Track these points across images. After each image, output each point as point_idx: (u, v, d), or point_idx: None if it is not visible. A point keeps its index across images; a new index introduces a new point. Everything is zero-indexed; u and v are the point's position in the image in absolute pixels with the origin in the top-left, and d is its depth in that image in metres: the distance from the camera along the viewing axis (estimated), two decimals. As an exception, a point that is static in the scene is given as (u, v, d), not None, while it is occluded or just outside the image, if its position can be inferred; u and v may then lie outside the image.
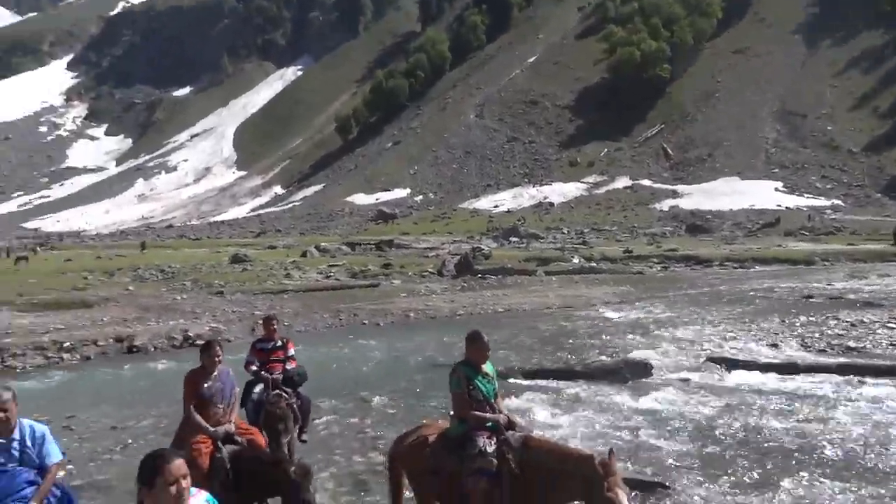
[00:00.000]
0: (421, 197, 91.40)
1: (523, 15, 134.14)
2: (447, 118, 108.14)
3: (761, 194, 72.55)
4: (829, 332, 16.15)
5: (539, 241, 52.82)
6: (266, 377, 7.51)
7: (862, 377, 11.50)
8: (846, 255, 38.13)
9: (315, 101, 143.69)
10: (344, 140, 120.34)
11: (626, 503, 4.21)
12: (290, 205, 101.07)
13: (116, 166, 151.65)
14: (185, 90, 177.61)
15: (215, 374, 5.69)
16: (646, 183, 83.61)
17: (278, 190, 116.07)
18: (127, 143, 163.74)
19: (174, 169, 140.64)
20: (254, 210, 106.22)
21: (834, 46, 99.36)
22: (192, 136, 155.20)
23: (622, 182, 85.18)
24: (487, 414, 4.98)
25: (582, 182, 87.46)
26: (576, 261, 37.44)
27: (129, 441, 9.22)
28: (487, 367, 5.19)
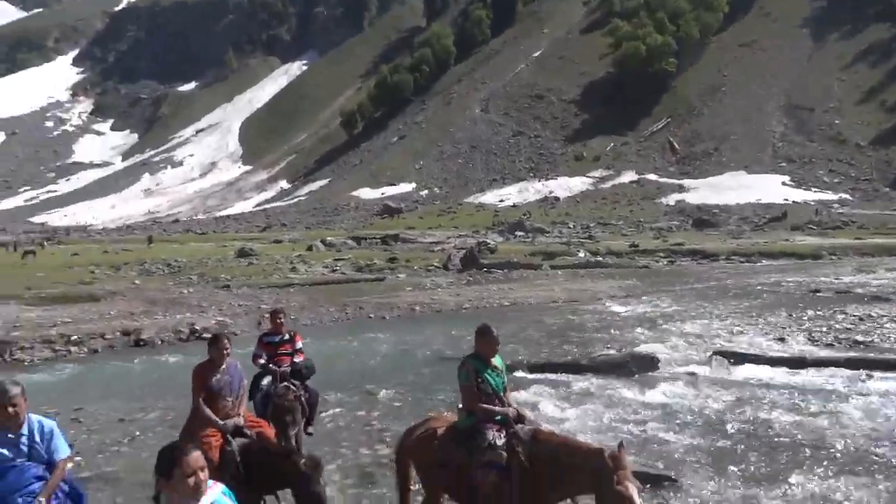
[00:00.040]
0: (426, 191, 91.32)
1: (528, 9, 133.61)
2: (452, 113, 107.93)
3: (768, 188, 72.23)
4: (837, 326, 16.09)
5: (545, 236, 52.77)
6: (274, 370, 7.51)
7: (870, 371, 11.46)
8: (854, 249, 37.98)
9: (320, 96, 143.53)
10: (349, 135, 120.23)
11: (637, 496, 4.17)
12: (296, 199, 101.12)
13: (122, 161, 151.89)
14: (190, 85, 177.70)
15: (223, 367, 5.67)
16: (652, 177, 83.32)
17: (284, 184, 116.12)
18: (133, 139, 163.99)
19: (180, 164, 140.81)
20: (259, 205, 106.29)
21: (841, 40, 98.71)
22: (198, 132, 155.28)
23: (628, 176, 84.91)
24: (496, 407, 4.96)
25: (588, 176, 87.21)
26: (581, 255, 37.40)
27: (137, 433, 9.26)
28: (497, 361, 5.18)
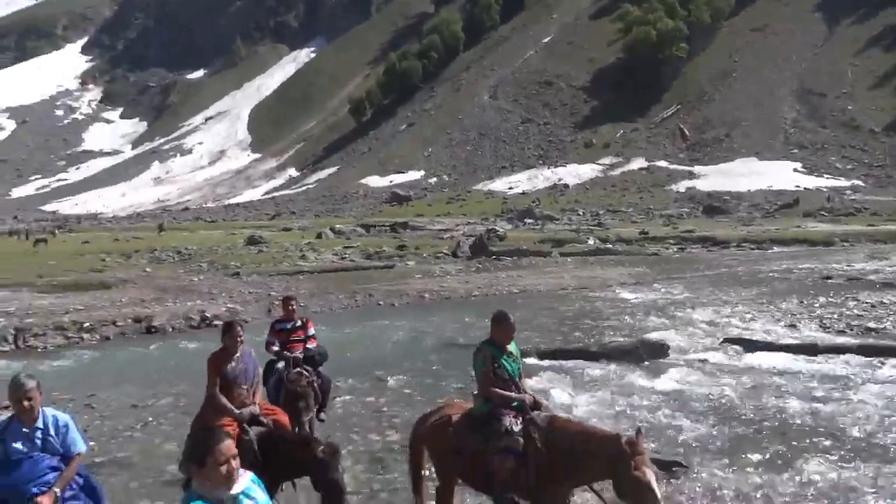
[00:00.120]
0: (435, 179, 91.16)
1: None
2: (461, 100, 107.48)
3: (779, 175, 71.65)
4: (849, 312, 16.00)
5: (554, 223, 52.65)
6: (287, 356, 7.52)
7: (883, 358, 11.38)
8: (866, 235, 37.71)
9: (328, 84, 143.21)
10: (358, 122, 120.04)
11: (654, 482, 4.16)
12: (305, 187, 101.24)
13: (132, 149, 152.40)
14: (198, 73, 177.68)
15: (238, 355, 5.63)
16: (662, 164, 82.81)
17: (293, 172, 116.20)
18: (142, 126, 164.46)
19: (189, 152, 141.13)
20: (268, 192, 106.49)
21: (855, 24, 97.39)
22: (207, 119, 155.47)
23: (638, 163, 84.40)
24: (513, 393, 4.97)
25: (597, 163, 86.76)
26: (591, 242, 37.29)
27: (150, 419, 9.33)
28: (512, 347, 5.19)
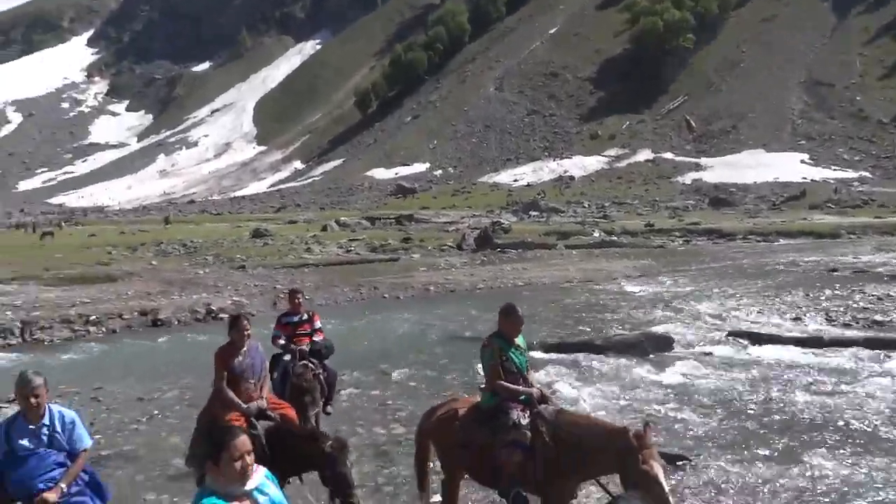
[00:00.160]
0: (440, 171, 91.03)
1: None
2: (467, 91, 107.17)
3: (786, 167, 71.26)
4: (855, 305, 15.93)
5: (559, 215, 52.50)
6: (293, 349, 7.52)
7: (889, 351, 11.33)
8: (874, 228, 37.49)
9: (334, 76, 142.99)
10: (363, 114, 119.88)
11: (662, 475, 4.15)
12: (310, 180, 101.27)
13: (138, 142, 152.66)
14: (204, 65, 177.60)
15: (245, 349, 5.61)
16: (668, 156, 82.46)
17: (298, 165, 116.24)
18: (148, 119, 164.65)
19: (195, 144, 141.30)
20: (274, 185, 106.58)
21: (864, 13, 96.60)
22: (213, 112, 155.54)
23: (644, 155, 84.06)
24: (520, 387, 4.97)
25: (603, 155, 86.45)
26: (596, 235, 37.22)
27: (155, 412, 9.38)
28: (519, 340, 5.19)
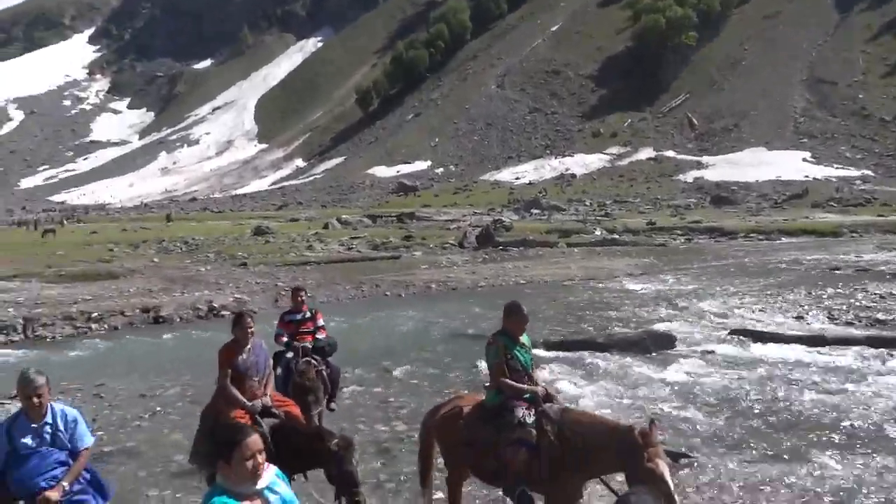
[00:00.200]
0: (442, 169, 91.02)
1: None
2: (468, 89, 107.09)
3: (788, 165, 71.20)
4: (857, 304, 15.91)
5: (561, 213, 52.52)
6: (296, 345, 7.50)
7: (891, 350, 11.31)
8: (876, 226, 37.46)
9: (335, 73, 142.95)
10: (364, 112, 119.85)
11: (668, 473, 4.14)
12: (312, 177, 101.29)
13: (139, 140, 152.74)
14: (205, 63, 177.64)
15: (249, 347, 5.60)
16: (670, 154, 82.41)
17: (300, 163, 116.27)
18: (149, 117, 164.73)
19: (196, 142, 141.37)
20: (275, 183, 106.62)
21: (867, 11, 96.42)
22: (214, 109, 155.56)
23: (646, 153, 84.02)
24: (525, 385, 4.96)
25: (605, 153, 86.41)
26: (598, 233, 37.22)
27: (158, 408, 9.38)
28: (524, 338, 5.19)
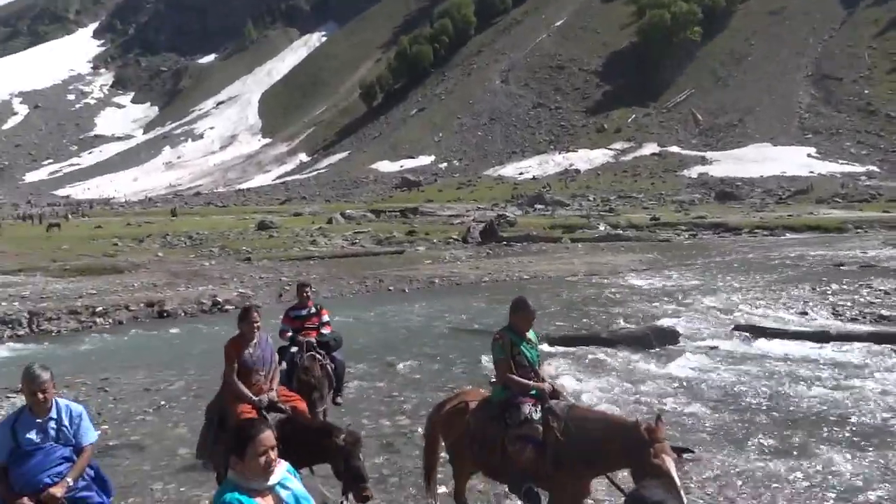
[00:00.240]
0: (446, 164, 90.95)
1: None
2: (472, 84, 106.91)
3: (793, 161, 70.95)
4: (862, 300, 15.86)
5: (564, 209, 52.43)
6: (301, 340, 7.49)
7: None
8: (881, 222, 37.35)
9: (339, 68, 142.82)
10: (368, 107, 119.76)
11: (674, 469, 4.14)
12: (316, 172, 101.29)
13: (143, 134, 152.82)
14: (209, 57, 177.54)
15: (255, 341, 5.61)
16: (674, 149, 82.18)
17: (303, 157, 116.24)
18: (153, 111, 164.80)
19: (200, 136, 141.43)
20: (279, 177, 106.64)
21: (873, 6, 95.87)
22: (218, 104, 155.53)
23: (650, 149, 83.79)
24: (531, 381, 4.95)
25: (609, 149, 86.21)
26: (602, 228, 37.16)
27: (162, 402, 9.42)
28: (530, 334, 5.18)
